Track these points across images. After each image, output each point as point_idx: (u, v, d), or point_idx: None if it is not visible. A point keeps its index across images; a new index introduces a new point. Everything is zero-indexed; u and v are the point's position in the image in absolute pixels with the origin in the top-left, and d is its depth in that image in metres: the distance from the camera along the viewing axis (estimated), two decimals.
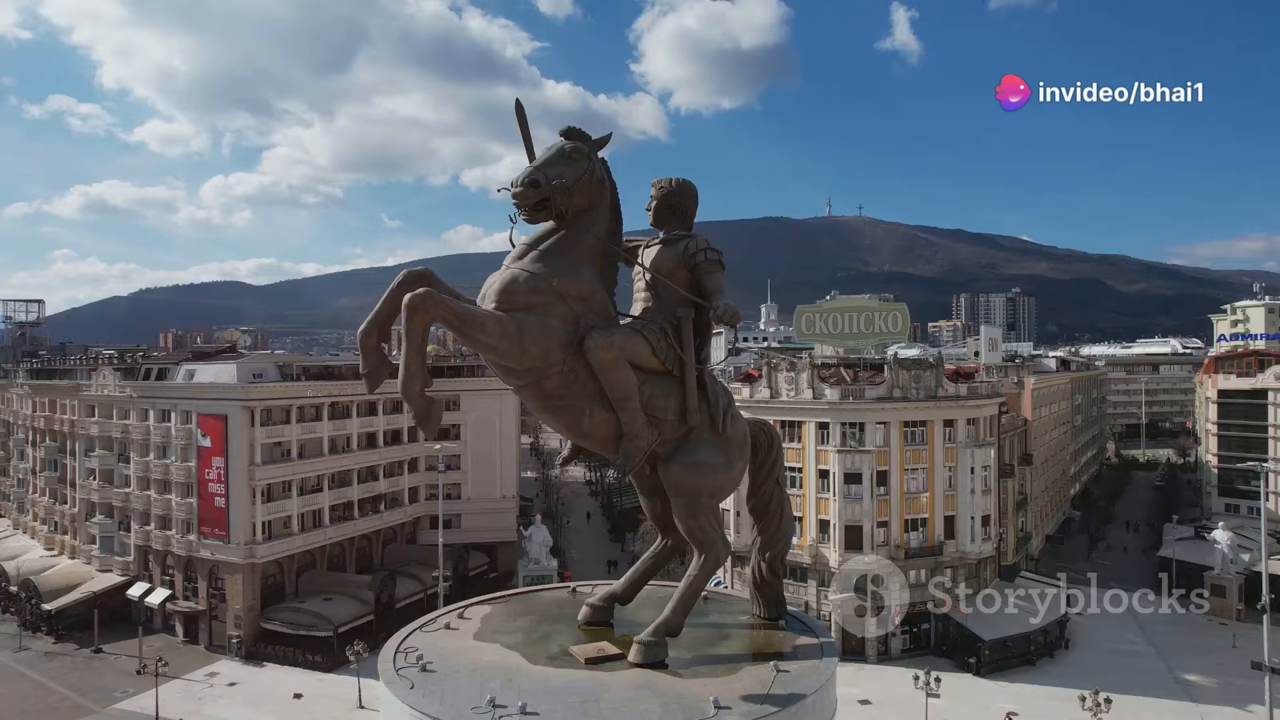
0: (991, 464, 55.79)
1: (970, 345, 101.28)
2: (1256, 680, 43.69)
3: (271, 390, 56.80)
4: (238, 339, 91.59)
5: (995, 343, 76.16)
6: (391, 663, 11.51)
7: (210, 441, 55.34)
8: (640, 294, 12.62)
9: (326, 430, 59.61)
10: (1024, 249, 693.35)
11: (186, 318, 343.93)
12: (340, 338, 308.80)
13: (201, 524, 55.85)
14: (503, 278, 11.16)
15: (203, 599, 56.29)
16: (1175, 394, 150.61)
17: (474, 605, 14.49)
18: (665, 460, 12.07)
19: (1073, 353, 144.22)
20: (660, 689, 10.65)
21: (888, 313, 57.62)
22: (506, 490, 71.15)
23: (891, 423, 52.67)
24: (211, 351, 71.91)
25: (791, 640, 12.66)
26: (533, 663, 11.50)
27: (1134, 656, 49.84)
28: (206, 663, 52.89)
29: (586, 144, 11.60)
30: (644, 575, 13.77)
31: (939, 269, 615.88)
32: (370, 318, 10.66)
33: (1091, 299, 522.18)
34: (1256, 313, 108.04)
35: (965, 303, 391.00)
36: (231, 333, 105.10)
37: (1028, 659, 49.97)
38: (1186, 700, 45.27)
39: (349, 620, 52.51)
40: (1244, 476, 73.19)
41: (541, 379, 11.19)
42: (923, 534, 53.01)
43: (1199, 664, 49.14)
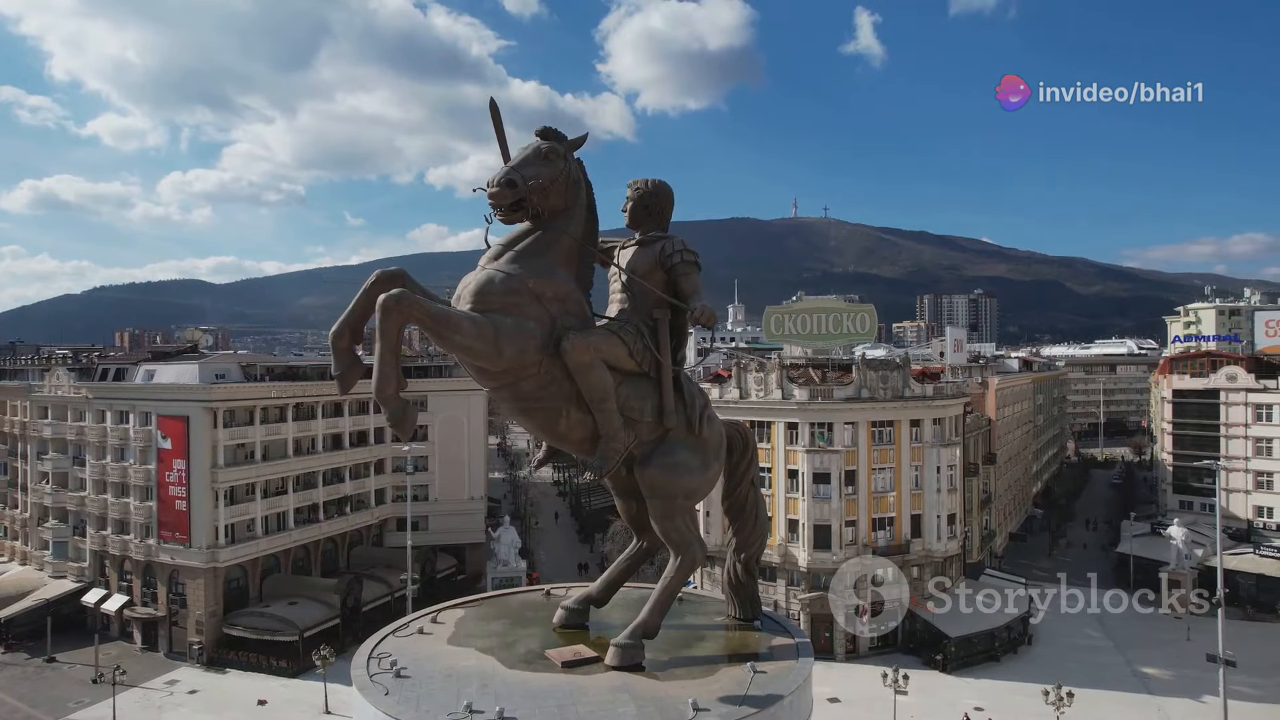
0: (957, 463, 56.67)
1: (935, 346, 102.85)
2: (1210, 672, 44.98)
3: (235, 391, 55.74)
4: (199, 339, 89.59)
5: (960, 344, 77.41)
6: (365, 668, 11.33)
7: (171, 443, 54.13)
8: (616, 295, 12.58)
9: (291, 432, 58.64)
10: (985, 251, 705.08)
11: (143, 317, 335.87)
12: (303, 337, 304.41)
13: (161, 528, 54.60)
14: (478, 279, 11.03)
15: (162, 605, 55.02)
16: (1131, 394, 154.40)
17: (447, 609, 14.33)
18: (642, 462, 12.03)
19: (1034, 353, 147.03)
20: (638, 691, 10.61)
21: (856, 314, 58.27)
22: (475, 491, 70.63)
23: (859, 423, 53.27)
24: (172, 351, 70.32)
25: (767, 641, 12.70)
26: (508, 667, 11.39)
27: (1094, 651, 50.98)
28: (166, 670, 51.72)
29: (562, 144, 11.52)
30: (619, 577, 13.71)
31: (903, 270, 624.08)
32: (342, 318, 10.47)
33: (1051, 300, 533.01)
34: (1208, 315, 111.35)
35: (929, 303, 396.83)
36: (192, 332, 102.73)
37: (992, 655, 50.88)
38: (1144, 693, 46.46)
39: (315, 624, 51.73)
40: (1197, 474, 75.22)
41: (517, 381, 11.09)
42: (890, 533, 53.70)
43: (1156, 657, 50.44)
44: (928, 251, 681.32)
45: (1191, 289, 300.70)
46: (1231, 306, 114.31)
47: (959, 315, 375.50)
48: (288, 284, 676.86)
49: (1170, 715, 43.78)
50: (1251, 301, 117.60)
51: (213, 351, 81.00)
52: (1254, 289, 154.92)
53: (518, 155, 11.22)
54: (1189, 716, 43.45)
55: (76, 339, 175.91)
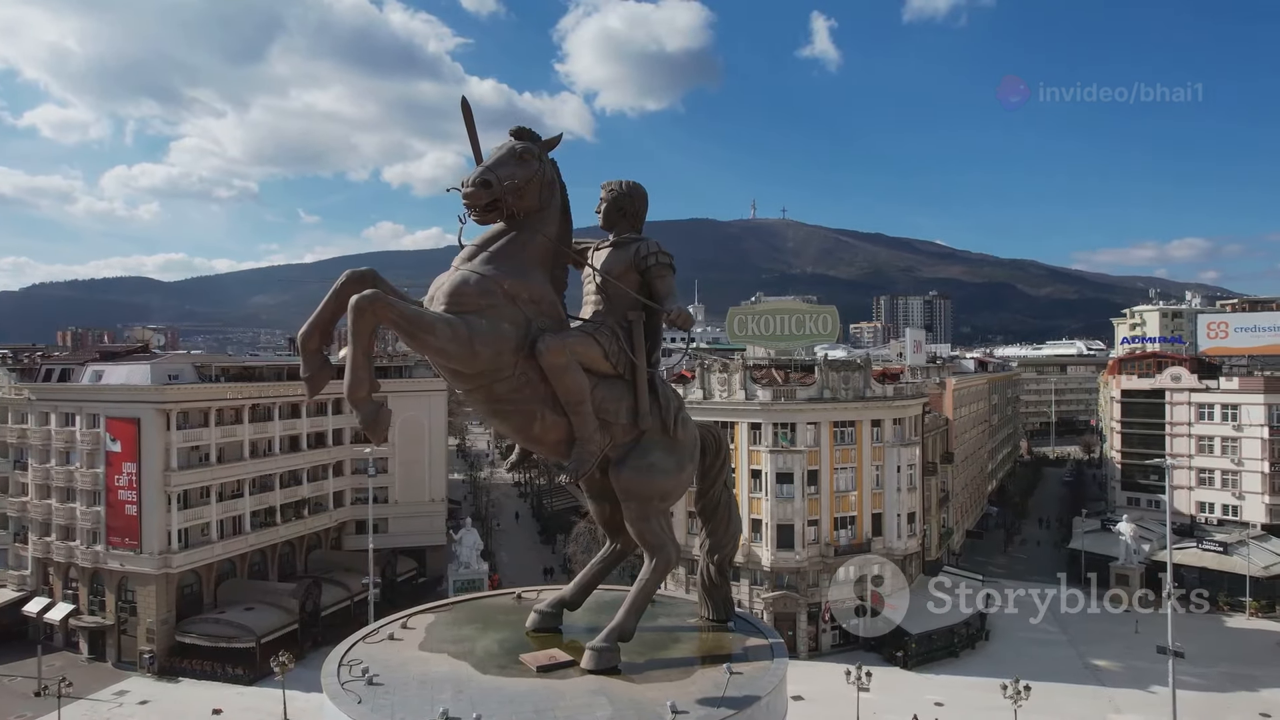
0: (916, 462, 57.59)
1: (894, 347, 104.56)
2: (1157, 663, 46.43)
3: (189, 392, 54.23)
4: (149, 338, 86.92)
5: (920, 345, 78.74)
6: (336, 676, 11.18)
7: (121, 446, 52.46)
8: (590, 296, 12.55)
9: (247, 433, 57.24)
10: (940, 253, 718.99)
11: (86, 315, 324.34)
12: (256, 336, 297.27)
13: (110, 533, 52.90)
14: (452, 279, 10.92)
15: (110, 613, 53.30)
16: (1081, 393, 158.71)
17: (417, 614, 14.18)
18: (617, 464, 12.03)
19: (987, 354, 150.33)
20: (615, 695, 10.60)
21: (818, 315, 58.93)
22: (435, 493, 69.82)
23: (822, 423, 53.85)
24: (121, 351, 68.12)
25: (741, 641, 12.80)
26: (483, 672, 11.32)
27: (1048, 645, 52.23)
28: (115, 681, 50.11)
29: (537, 145, 11.48)
30: (593, 580, 13.72)
31: (859, 271, 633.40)
32: (311, 319, 10.32)
33: (1003, 302, 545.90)
34: (1152, 317, 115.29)
35: (885, 304, 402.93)
36: (142, 331, 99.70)
37: (951, 651, 51.84)
38: (1096, 684, 47.80)
39: (272, 630, 50.57)
40: (1144, 472, 77.59)
41: (492, 383, 11.01)
42: (851, 531, 54.41)
43: (1106, 650, 51.90)
44: (883, 253, 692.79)
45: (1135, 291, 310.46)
46: (1174, 309, 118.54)
47: (914, 316, 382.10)
48: (240, 282, 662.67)
49: (1120, 706, 45.10)
50: (1192, 304, 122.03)
51: (164, 351, 78.75)
52: (1194, 292, 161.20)
53: (492, 155, 11.14)
54: (1138, 706, 44.77)
55: (14, 338, 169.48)
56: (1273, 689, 47.00)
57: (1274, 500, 68.90)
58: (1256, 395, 69.40)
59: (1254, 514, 69.08)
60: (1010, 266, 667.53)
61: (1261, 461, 69.04)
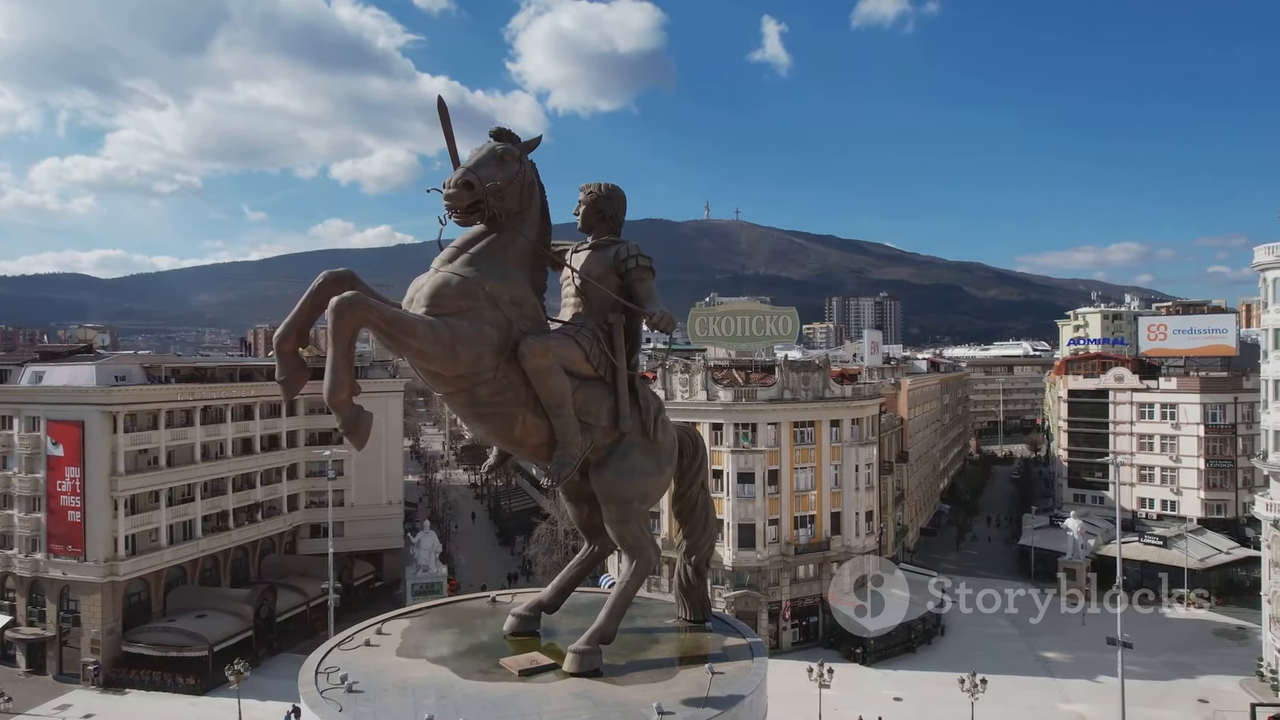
0: (874, 461, 58.60)
1: (849, 348, 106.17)
2: (1104, 654, 48.00)
3: (137, 394, 52.49)
4: (93, 338, 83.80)
5: (877, 346, 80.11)
6: (314, 684, 10.98)
7: (64, 450, 50.54)
8: (570, 299, 12.57)
9: (199, 436, 55.69)
10: (889, 255, 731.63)
11: (17, 313, 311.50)
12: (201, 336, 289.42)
13: (51, 541, 50.91)
14: (433, 281, 10.81)
15: (52, 623, 51.34)
16: (1027, 393, 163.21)
17: (392, 620, 14.01)
18: (597, 466, 12.05)
19: (937, 354, 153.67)
20: (599, 697, 10.61)
21: (778, 316, 59.52)
22: (392, 496, 68.85)
23: (782, 423, 54.44)
24: (63, 351, 65.71)
25: (720, 641, 12.91)
26: (464, 677, 11.24)
27: (1000, 639, 53.56)
28: (56, 694, 48.26)
29: (517, 146, 11.44)
30: (570, 583, 13.69)
31: (811, 272, 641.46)
32: (288, 320, 10.13)
33: (950, 303, 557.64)
34: (1094, 319, 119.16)
35: (837, 305, 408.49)
36: (85, 331, 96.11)
37: (908, 646, 52.86)
38: (1046, 676, 49.27)
39: (226, 637, 49.25)
40: (1090, 469, 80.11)
41: (473, 386, 10.93)
42: (811, 530, 55.12)
43: (1055, 642, 53.42)
44: (835, 254, 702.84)
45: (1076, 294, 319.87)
46: (1114, 311, 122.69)
47: (865, 317, 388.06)
48: (182, 279, 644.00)
49: (1070, 696, 46.53)
50: (1131, 307, 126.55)
51: (109, 351, 76.13)
52: (1132, 295, 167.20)
53: (473, 156, 11.08)
54: (1086, 696, 46.29)
55: None
56: (1210, 676, 49.08)
57: (1209, 495, 71.83)
58: (1193, 395, 72.24)
59: (1190, 509, 71.93)
60: (958, 269, 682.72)
61: (1197, 458, 71.94)
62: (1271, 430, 48.64)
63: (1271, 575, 49.05)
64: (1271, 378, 48.58)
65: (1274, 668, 47.71)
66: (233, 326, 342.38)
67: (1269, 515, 48.17)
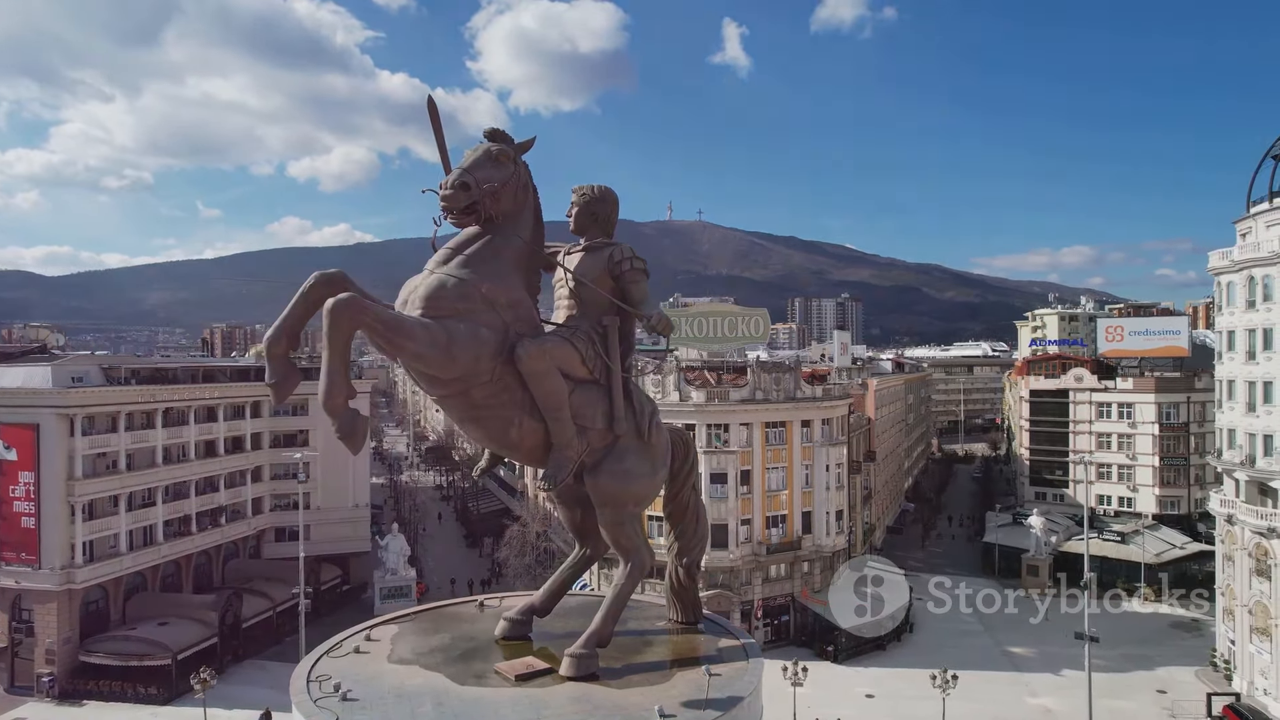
0: (844, 461, 59.25)
1: (816, 349, 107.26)
2: (1066, 648, 49.15)
3: (97, 396, 50.95)
4: (48, 338, 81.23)
5: (846, 346, 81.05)
6: (306, 693, 10.75)
7: (16, 454, 48.87)
8: (563, 301, 12.51)
9: (160, 438, 54.32)
10: (850, 256, 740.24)
11: None
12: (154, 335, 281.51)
13: (3, 548, 49.20)
14: (429, 283, 10.66)
15: (3, 634, 49.63)
16: (986, 393, 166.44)
17: (379, 626, 13.80)
18: (592, 470, 11.99)
19: (899, 355, 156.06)
20: (599, 701, 10.57)
21: (749, 317, 59.87)
22: (359, 499, 67.92)
23: (754, 424, 54.78)
24: (15, 352, 63.62)
25: (714, 643, 12.93)
26: (460, 683, 11.09)
27: (968, 635, 54.50)
28: (8, 708, 46.57)
29: (511, 147, 11.37)
30: (562, 586, 13.60)
31: (773, 273, 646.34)
32: (278, 323, 9.91)
33: (909, 304, 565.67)
34: (1052, 320, 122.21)
35: (799, 306, 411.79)
36: (38, 331, 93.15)
37: (879, 644, 53.53)
38: (1012, 670, 50.36)
39: (189, 645, 48.02)
40: (1050, 467, 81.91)
41: (469, 388, 10.80)
42: (782, 530, 55.55)
43: (1020, 637, 54.52)
44: (797, 256, 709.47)
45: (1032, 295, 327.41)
46: (1071, 313, 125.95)
47: (828, 318, 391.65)
48: (133, 277, 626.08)
49: (1036, 690, 47.58)
50: (1087, 309, 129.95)
51: (65, 352, 73.87)
52: (1087, 296, 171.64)
53: (468, 157, 10.99)
54: (1051, 689, 47.41)
55: None
56: (1168, 667, 50.62)
57: (1163, 492, 73.92)
58: (1149, 395, 74.32)
59: (1146, 505, 73.98)
60: (917, 270, 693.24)
61: (1153, 456, 74.04)
62: (1226, 429, 50.21)
63: (1225, 569, 50.63)
64: (1226, 378, 50.13)
65: (1227, 658, 49.28)
66: (188, 326, 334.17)
67: (1222, 511, 49.71)
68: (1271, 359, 45.13)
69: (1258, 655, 45.93)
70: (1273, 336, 45.00)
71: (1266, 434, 45.64)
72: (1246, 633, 46.90)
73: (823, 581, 56.88)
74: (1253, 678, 46.20)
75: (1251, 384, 46.99)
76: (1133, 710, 44.89)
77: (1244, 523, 46.73)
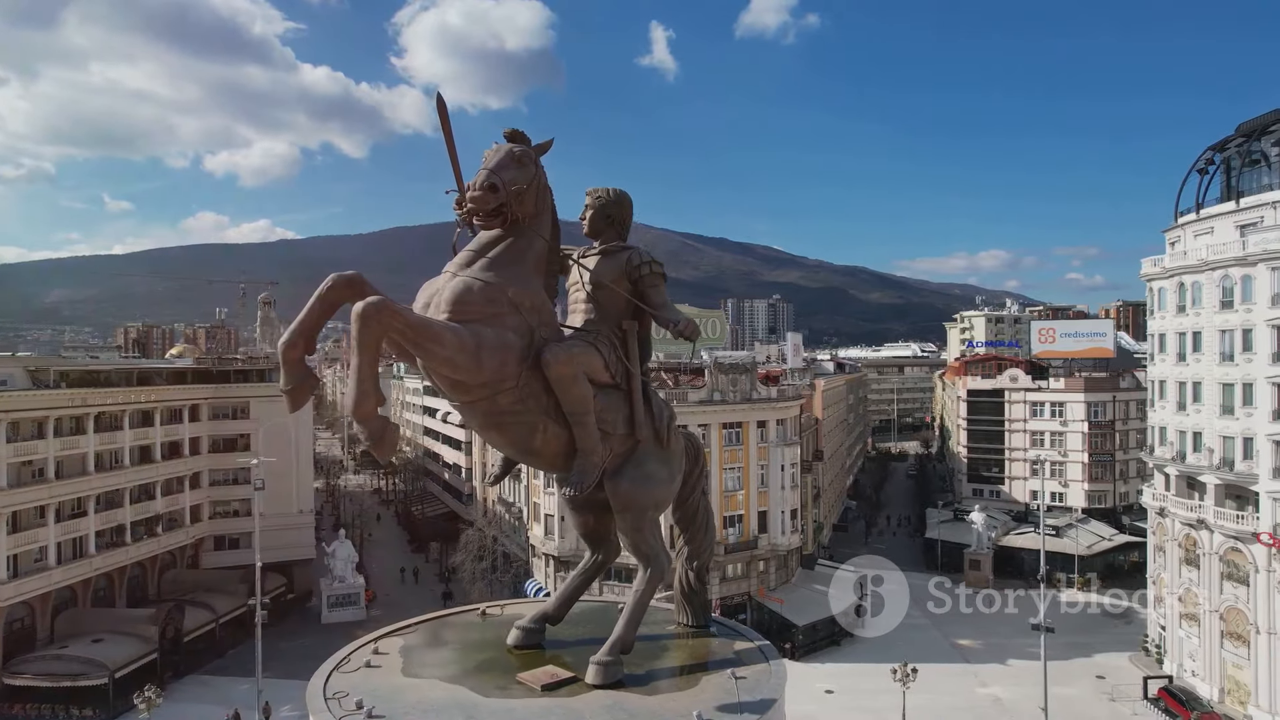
0: (798, 461, 60.15)
1: (760, 349, 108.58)
2: (1011, 639, 51.14)
3: (21, 400, 47.95)
4: None
5: (798, 348, 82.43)
6: (328, 712, 10.35)
7: None
8: (580, 304, 12.37)
9: (92, 445, 51.47)
10: (779, 258, 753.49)
11: None
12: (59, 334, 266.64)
13: None
14: (453, 286, 10.37)
15: None
16: (916, 392, 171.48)
17: (383, 638, 13.38)
18: (613, 475, 11.87)
19: (834, 356, 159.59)
20: (632, 709, 10.46)
21: (708, 319, 60.33)
22: (303, 505, 65.86)
23: (712, 424, 55.15)
24: None
25: (730, 646, 12.94)
26: (484, 695, 10.82)
27: (917, 629, 55.84)
28: None
29: (531, 148, 11.18)
30: (575, 592, 13.44)
31: (704, 274, 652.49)
32: (294, 326, 9.53)
33: (837, 306, 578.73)
34: (979, 322, 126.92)
35: (731, 307, 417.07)
36: None
37: (834, 640, 54.55)
38: (961, 662, 51.97)
39: (128, 661, 45.56)
40: (987, 465, 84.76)
41: (495, 394, 10.56)
42: (740, 529, 56.08)
43: (967, 630, 56.27)
44: (727, 257, 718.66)
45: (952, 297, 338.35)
46: (997, 315, 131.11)
47: (759, 319, 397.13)
48: (33, 274, 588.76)
49: (985, 680, 49.21)
50: (1011, 311, 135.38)
51: None
52: (1010, 300, 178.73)
53: (491, 158, 10.76)
54: (1000, 678, 49.19)
55: None
56: (1104, 654, 53.09)
57: (1092, 487, 77.38)
58: (1078, 394, 77.72)
59: (1076, 499, 77.36)
60: (843, 272, 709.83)
61: (1082, 453, 77.44)
62: (1157, 426, 52.81)
63: (1156, 559, 53.29)
64: (1158, 379, 52.72)
65: (1159, 643, 51.88)
66: (97, 325, 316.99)
67: (1154, 504, 52.27)
68: (1200, 360, 47.65)
69: (1186, 640, 48.52)
70: (1201, 340, 47.51)
71: (1195, 431, 48.16)
72: (1176, 619, 49.48)
73: (778, 580, 57.64)
74: (1182, 661, 48.77)
75: (1182, 384, 49.52)
76: (1076, 695, 46.83)
77: (1175, 515, 49.26)
